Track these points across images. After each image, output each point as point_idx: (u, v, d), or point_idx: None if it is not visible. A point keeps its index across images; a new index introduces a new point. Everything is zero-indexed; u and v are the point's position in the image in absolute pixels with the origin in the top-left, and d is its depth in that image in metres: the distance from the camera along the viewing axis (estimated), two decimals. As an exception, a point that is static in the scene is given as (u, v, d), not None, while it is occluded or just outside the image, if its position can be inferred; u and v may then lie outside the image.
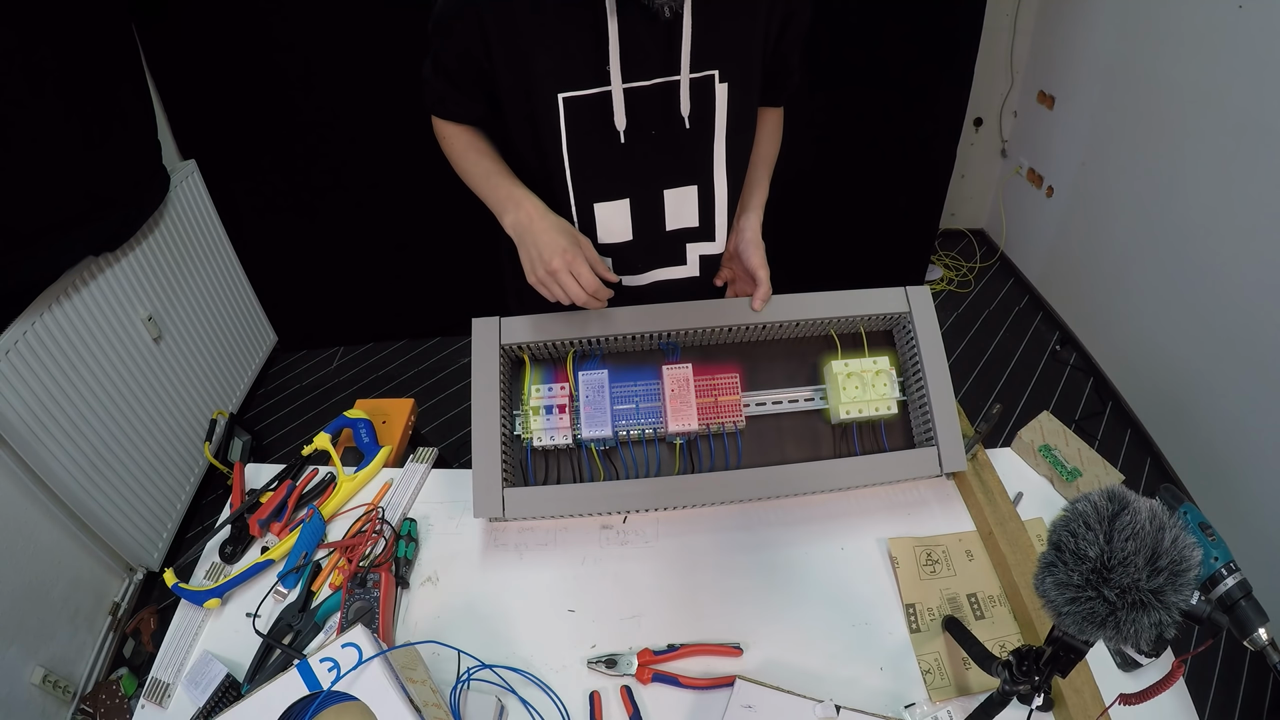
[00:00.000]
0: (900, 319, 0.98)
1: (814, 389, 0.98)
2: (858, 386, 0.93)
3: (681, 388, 0.92)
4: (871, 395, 0.93)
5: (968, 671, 0.78)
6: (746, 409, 0.95)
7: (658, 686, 0.78)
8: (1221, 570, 0.68)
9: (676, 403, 0.92)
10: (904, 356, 0.99)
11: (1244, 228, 1.76)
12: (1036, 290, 2.78)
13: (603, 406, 0.92)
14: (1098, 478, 0.96)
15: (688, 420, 0.91)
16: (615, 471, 0.94)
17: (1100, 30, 2.28)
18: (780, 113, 1.05)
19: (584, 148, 0.86)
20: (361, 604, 0.82)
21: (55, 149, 1.48)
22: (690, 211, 0.95)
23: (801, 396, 0.98)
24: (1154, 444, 2.13)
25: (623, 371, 0.96)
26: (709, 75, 0.83)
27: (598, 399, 0.92)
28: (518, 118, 0.88)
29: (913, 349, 0.96)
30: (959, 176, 2.80)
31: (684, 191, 0.93)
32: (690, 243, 0.98)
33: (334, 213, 2.31)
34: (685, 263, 1.00)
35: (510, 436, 0.93)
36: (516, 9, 0.78)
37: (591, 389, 0.93)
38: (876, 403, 0.93)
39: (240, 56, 1.98)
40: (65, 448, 1.53)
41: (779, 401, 0.97)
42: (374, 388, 2.47)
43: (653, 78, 0.82)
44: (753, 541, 0.91)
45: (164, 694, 0.79)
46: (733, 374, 0.95)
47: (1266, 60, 1.65)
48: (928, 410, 0.93)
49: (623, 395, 0.94)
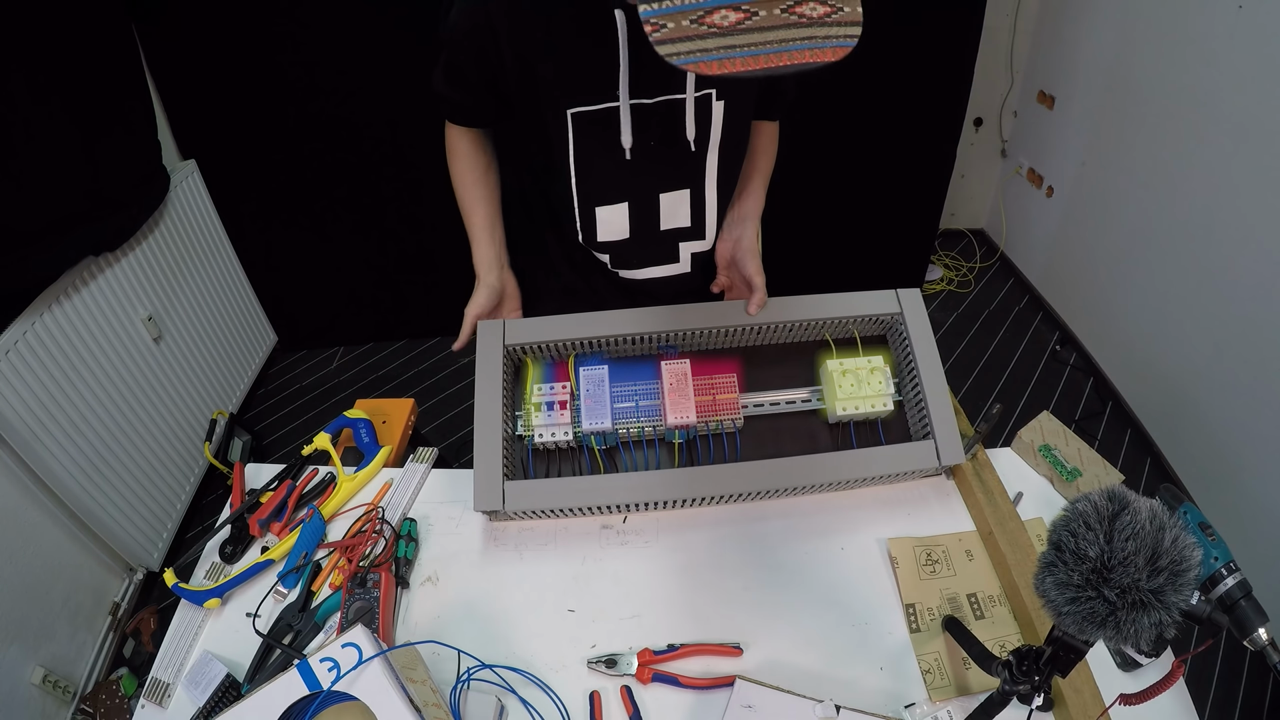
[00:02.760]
0: (893, 320, 0.99)
1: (811, 389, 0.99)
2: (853, 384, 0.94)
3: (680, 382, 0.94)
4: (867, 392, 0.94)
5: (968, 671, 0.78)
6: (745, 409, 0.96)
7: (658, 686, 0.78)
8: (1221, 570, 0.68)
9: (675, 396, 0.93)
10: (898, 356, 1.00)
11: (1244, 228, 1.77)
12: (1036, 290, 2.78)
13: (603, 400, 0.93)
14: (1098, 478, 0.96)
15: (686, 413, 0.92)
16: (615, 470, 0.94)
17: (1100, 30, 2.28)
18: (776, 126, 1.08)
19: (590, 159, 0.90)
20: (361, 604, 0.82)
21: (55, 149, 1.48)
22: (684, 213, 0.99)
23: (799, 397, 0.98)
24: (1154, 444, 2.13)
25: (623, 369, 0.97)
26: (707, 94, 0.87)
27: (598, 393, 0.94)
28: (528, 123, 0.92)
29: (906, 349, 0.97)
30: (959, 176, 2.80)
31: (678, 195, 0.97)
32: (683, 241, 1.02)
33: (334, 213, 2.31)
34: (678, 260, 1.04)
35: (512, 435, 0.93)
36: (529, 21, 0.80)
37: (592, 383, 0.94)
38: (873, 399, 0.94)
39: (240, 56, 1.98)
40: (65, 448, 1.53)
41: (776, 403, 0.98)
42: (374, 388, 2.47)
43: (657, 95, 0.85)
44: (753, 541, 0.91)
45: (164, 694, 0.79)
46: (730, 373, 0.96)
47: (1266, 61, 1.65)
48: (924, 408, 0.93)
49: (623, 394, 0.95)
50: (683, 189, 0.96)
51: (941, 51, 2.17)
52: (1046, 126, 2.63)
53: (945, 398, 0.93)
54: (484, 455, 0.88)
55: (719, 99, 0.88)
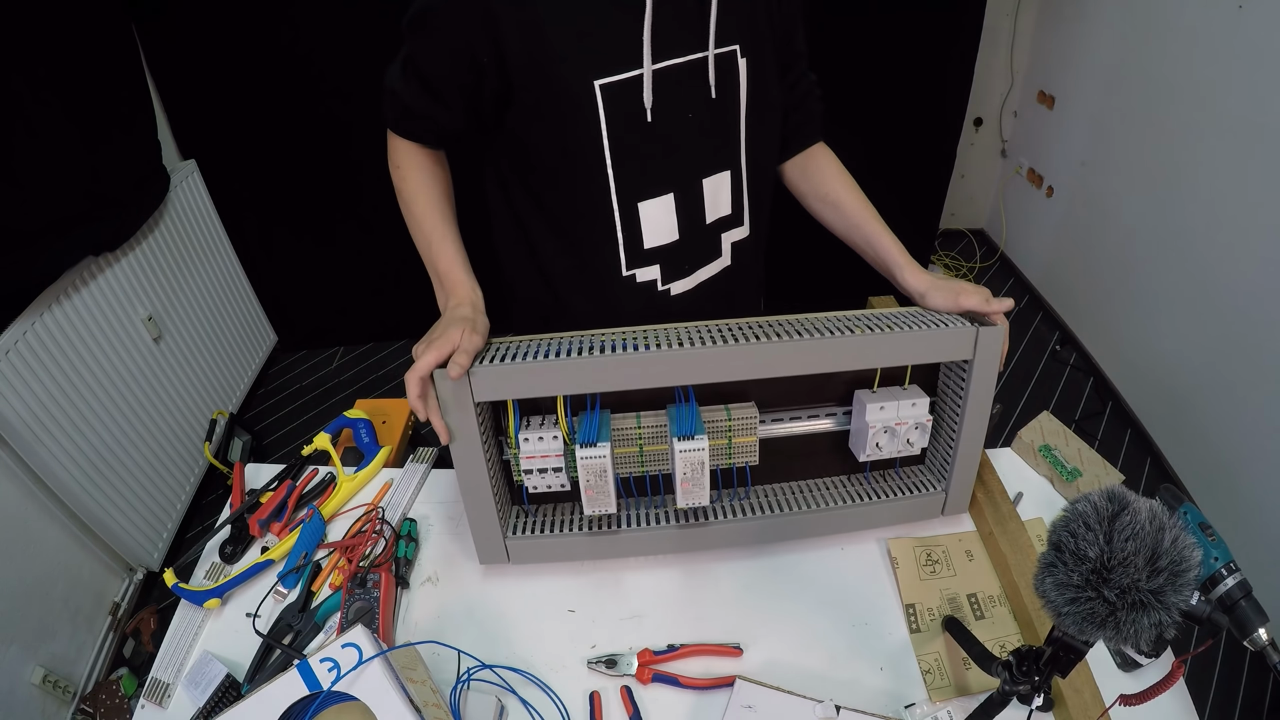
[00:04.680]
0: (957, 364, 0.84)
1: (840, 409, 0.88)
2: (887, 434, 0.84)
3: (695, 471, 0.78)
4: (899, 444, 0.86)
5: (968, 671, 0.78)
6: (762, 424, 0.85)
7: (658, 686, 0.78)
8: (1221, 570, 0.68)
9: (689, 485, 0.79)
10: (944, 388, 0.87)
11: (1244, 227, 1.76)
12: (1036, 290, 2.78)
13: (606, 490, 0.79)
14: (1098, 478, 0.96)
15: (699, 499, 0.80)
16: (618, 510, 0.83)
17: (1100, 30, 2.28)
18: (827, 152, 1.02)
19: (624, 138, 0.80)
20: (361, 604, 0.82)
21: (55, 149, 1.48)
22: (725, 200, 0.90)
23: (821, 428, 0.89)
24: (1154, 444, 2.13)
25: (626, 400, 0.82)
26: (731, 50, 0.80)
27: (600, 484, 0.78)
28: (545, 116, 0.80)
29: (959, 390, 0.83)
30: (959, 176, 2.80)
31: (719, 179, 0.88)
32: (725, 232, 0.93)
33: (334, 213, 2.31)
34: (721, 254, 0.94)
35: (500, 462, 0.84)
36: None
37: (593, 475, 0.77)
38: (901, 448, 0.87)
39: (240, 57, 1.98)
40: (65, 448, 1.53)
41: (798, 417, 0.88)
42: (374, 388, 2.47)
43: (683, 55, 0.78)
44: (753, 542, 0.91)
45: (164, 694, 0.79)
46: (751, 410, 0.83)
47: (1266, 60, 1.65)
48: (952, 453, 0.86)
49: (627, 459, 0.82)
50: (722, 171, 0.88)
51: (941, 51, 2.17)
52: (1046, 126, 2.63)
53: (976, 452, 0.86)
54: (477, 513, 0.81)
55: (742, 55, 0.81)
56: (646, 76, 0.76)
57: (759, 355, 0.75)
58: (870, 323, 0.79)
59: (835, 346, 0.76)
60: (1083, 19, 2.35)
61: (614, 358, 0.74)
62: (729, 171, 0.88)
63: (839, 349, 0.77)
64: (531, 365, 0.73)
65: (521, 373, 0.73)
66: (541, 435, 0.78)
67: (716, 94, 0.81)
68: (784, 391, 0.87)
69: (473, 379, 0.73)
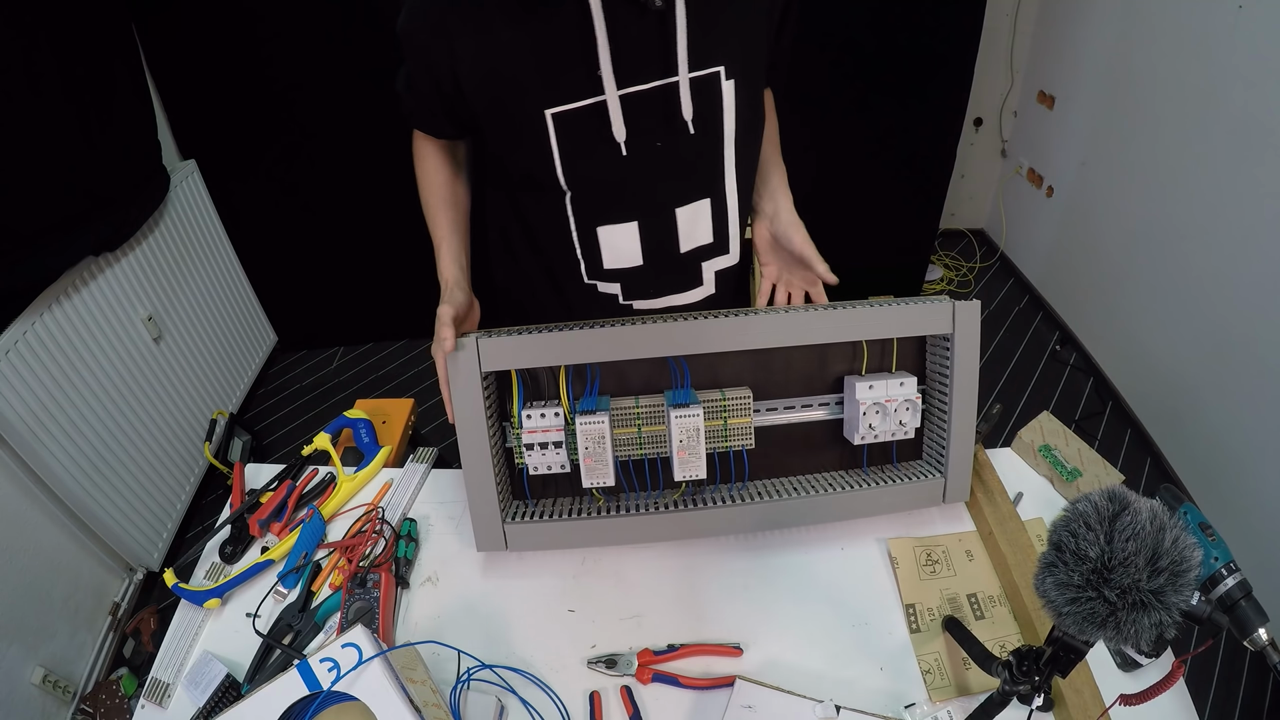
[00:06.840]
0: (938, 339, 0.88)
1: (827, 404, 0.91)
2: (879, 413, 0.86)
3: (691, 439, 0.82)
4: (891, 425, 0.87)
5: (968, 671, 0.78)
6: (757, 414, 0.88)
7: (658, 686, 0.78)
8: (1221, 570, 0.68)
9: (685, 454, 0.83)
10: (932, 371, 0.90)
11: (1244, 227, 1.76)
12: (1036, 290, 2.78)
13: (604, 459, 0.83)
14: (1098, 478, 0.96)
15: (696, 470, 0.84)
16: (616, 496, 0.89)
17: (1100, 30, 2.28)
18: (770, 94, 0.97)
19: (581, 167, 0.79)
20: (361, 604, 0.82)
21: (55, 149, 1.49)
22: (705, 229, 0.87)
23: (816, 417, 0.91)
24: (1154, 444, 2.13)
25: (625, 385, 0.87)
26: (713, 73, 0.75)
27: (598, 450, 0.83)
28: (501, 140, 0.82)
29: (944, 370, 0.87)
30: (959, 176, 2.80)
31: (696, 207, 0.84)
32: (705, 261, 0.89)
33: (334, 212, 2.31)
34: (701, 283, 0.91)
35: (504, 469, 0.87)
36: (488, 14, 0.71)
37: (591, 440, 0.82)
38: (895, 430, 0.88)
39: (241, 57, 1.98)
40: (65, 448, 1.53)
41: (791, 406, 0.90)
42: (374, 388, 2.47)
43: (650, 80, 0.74)
44: (753, 542, 0.91)
45: (164, 694, 0.79)
46: (745, 392, 0.85)
47: (1266, 60, 1.65)
48: (945, 436, 0.87)
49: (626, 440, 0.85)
50: (701, 199, 0.84)
51: (941, 51, 2.17)
52: (1046, 126, 2.63)
53: (970, 432, 0.87)
54: (477, 496, 0.83)
55: (728, 77, 0.76)
56: (613, 104, 0.74)
57: (748, 327, 0.82)
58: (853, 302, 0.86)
59: (819, 320, 0.84)
60: (1083, 19, 2.35)
61: (612, 330, 0.81)
62: (708, 200, 0.85)
63: (823, 321, 0.84)
64: (535, 337, 0.80)
65: (526, 344, 0.80)
66: (544, 413, 0.83)
67: (693, 119, 0.77)
68: (778, 381, 0.90)
69: (481, 350, 0.80)
